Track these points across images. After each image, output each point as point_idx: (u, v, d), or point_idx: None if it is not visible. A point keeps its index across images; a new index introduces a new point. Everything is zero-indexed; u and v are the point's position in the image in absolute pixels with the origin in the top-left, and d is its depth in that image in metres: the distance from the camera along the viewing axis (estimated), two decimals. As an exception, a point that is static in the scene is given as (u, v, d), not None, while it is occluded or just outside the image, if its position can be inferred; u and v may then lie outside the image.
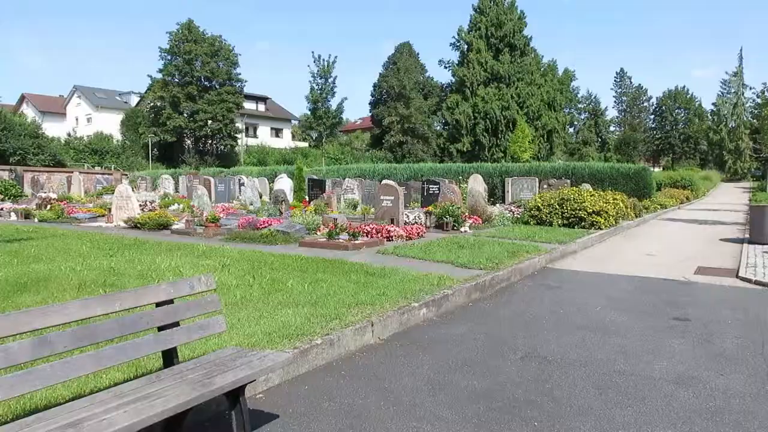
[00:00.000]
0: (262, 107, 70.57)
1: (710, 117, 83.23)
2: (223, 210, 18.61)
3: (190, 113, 50.75)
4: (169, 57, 50.73)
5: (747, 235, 15.14)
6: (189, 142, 53.80)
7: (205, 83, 51.68)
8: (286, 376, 4.73)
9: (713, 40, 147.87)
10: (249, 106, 64.65)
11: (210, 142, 54.52)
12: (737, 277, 9.69)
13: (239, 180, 27.54)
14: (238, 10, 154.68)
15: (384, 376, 4.86)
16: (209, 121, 51.21)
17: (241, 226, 13.90)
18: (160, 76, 51.29)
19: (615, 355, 5.48)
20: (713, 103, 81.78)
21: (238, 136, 56.63)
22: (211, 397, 3.25)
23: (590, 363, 5.24)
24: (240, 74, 53.91)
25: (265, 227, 13.32)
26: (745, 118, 69.02)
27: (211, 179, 27.00)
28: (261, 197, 24.16)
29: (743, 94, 71.47)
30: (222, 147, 54.86)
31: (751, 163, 69.50)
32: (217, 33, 56.14)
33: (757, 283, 9.12)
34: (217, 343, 4.88)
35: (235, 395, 3.55)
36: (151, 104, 53.90)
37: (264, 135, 68.26)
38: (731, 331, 6.36)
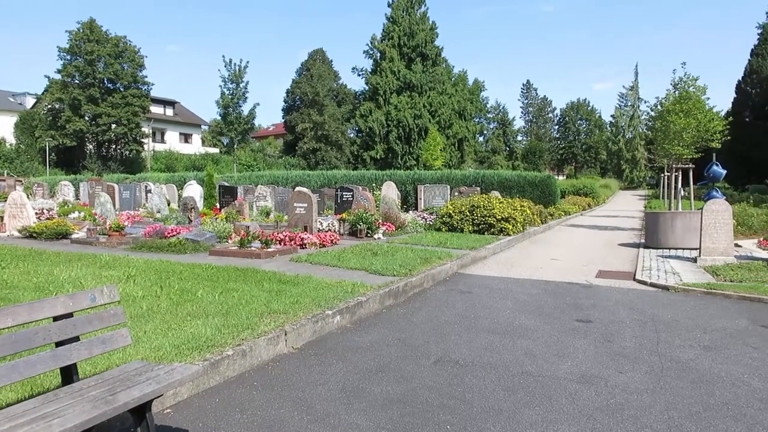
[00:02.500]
0: (170, 112, 68.40)
1: (609, 128, 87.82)
2: (129, 218, 17.85)
3: (92, 116, 48.40)
4: (68, 57, 48.12)
5: (643, 240, 16.11)
6: (91, 146, 51.25)
7: (109, 85, 49.40)
8: (196, 389, 4.58)
9: (612, 56, 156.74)
10: (156, 110, 62.45)
11: (114, 147, 52.20)
12: (634, 279, 10.28)
13: (146, 187, 26.55)
14: (145, 11, 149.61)
15: (298, 386, 4.80)
16: (113, 125, 49.00)
17: (147, 235, 13.37)
18: (58, 76, 48.51)
19: (523, 357, 5.67)
20: (612, 115, 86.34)
21: (145, 141, 54.54)
22: (114, 414, 3.09)
23: (500, 365, 5.39)
24: (146, 77, 51.95)
25: (174, 236, 12.88)
26: (640, 130, 73.12)
27: (116, 186, 25.84)
28: (169, 204, 23.37)
29: (639, 107, 75.89)
30: (127, 152, 52.64)
31: (646, 172, 73.84)
32: (122, 33, 53.99)
33: (651, 285, 9.70)
34: (122, 358, 4.66)
35: (140, 411, 3.41)
36: (49, 106, 50.96)
37: (172, 140, 66.13)
38: (629, 330, 6.73)
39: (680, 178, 18.11)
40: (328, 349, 5.86)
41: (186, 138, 69.91)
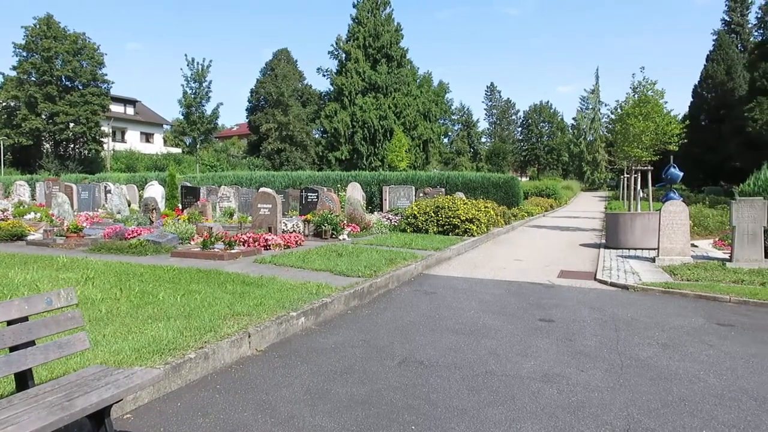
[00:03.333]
0: (131, 110, 67.10)
1: (571, 130, 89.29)
2: (87, 219, 17.45)
3: (49, 115, 47.10)
4: (24, 53, 46.81)
5: (603, 241, 16.40)
6: (48, 145, 49.88)
7: (67, 83, 48.17)
8: (157, 393, 4.50)
9: (575, 59, 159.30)
10: (116, 109, 61.22)
11: (72, 146, 50.91)
12: (595, 279, 10.47)
13: (105, 187, 26.02)
14: (104, 7, 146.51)
15: (261, 388, 4.76)
16: (71, 124, 47.78)
17: (107, 236, 13.10)
18: (14, 73, 47.16)
19: (487, 356, 5.72)
20: (573, 118, 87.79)
21: (104, 140, 53.36)
22: (71, 420, 3.01)
23: (464, 365, 5.42)
24: (106, 75, 50.77)
25: (134, 237, 12.64)
26: (601, 133, 74.43)
27: (74, 186, 25.23)
28: (130, 205, 22.93)
29: (599, 110, 77.42)
30: (86, 152, 51.39)
31: (606, 174, 75.29)
32: (81, 30, 52.68)
33: (612, 284, 9.89)
34: (80, 362, 4.55)
35: (99, 417, 3.33)
36: (4, 104, 49.41)
37: (133, 140, 64.88)
38: (590, 329, 6.84)
39: (639, 179, 18.50)
40: (292, 350, 5.82)
41: (147, 137, 68.67)
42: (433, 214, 16.58)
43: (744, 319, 7.47)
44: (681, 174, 17.15)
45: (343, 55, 56.55)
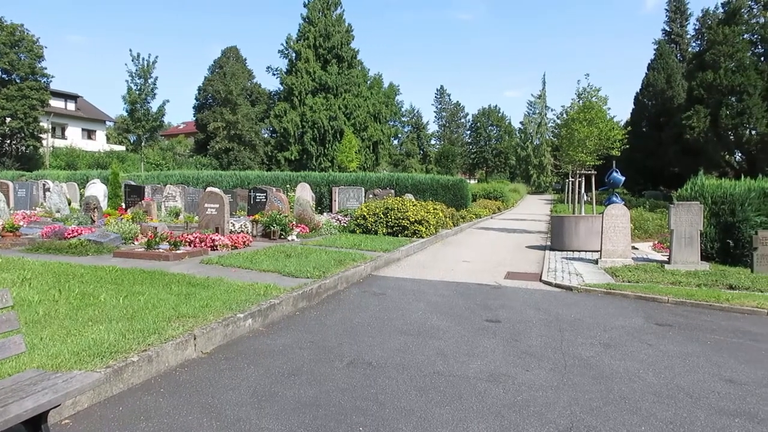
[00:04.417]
0: (72, 106, 64.89)
1: (518, 134, 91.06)
2: (25, 218, 16.79)
3: (-17, 109, 45.20)
4: (-43, 45, 44.82)
5: (549, 243, 16.76)
6: (-18, 141, 47.89)
7: (3, 76, 46.26)
8: (97, 397, 4.36)
9: (523, 64, 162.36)
10: (56, 104, 59.09)
11: (8, 142, 48.87)
12: (540, 280, 10.69)
13: (44, 185, 25.09)
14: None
15: (207, 391, 4.67)
16: (8, 119, 45.90)
17: (45, 236, 12.64)
18: (-54, 65, 45.06)
19: (435, 357, 5.76)
20: (521, 122, 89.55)
21: (43, 136, 51.44)
22: (5, 427, 2.89)
23: (412, 366, 5.45)
24: (46, 69, 48.96)
25: (75, 236, 12.24)
26: (547, 137, 76.23)
27: (10, 183, 24.24)
28: (70, 204, 22.16)
29: (546, 115, 79.14)
30: (23, 148, 49.43)
31: (552, 177, 77.00)
32: (18, 21, 50.73)
33: (556, 285, 10.12)
34: (15, 367, 4.37)
35: (36, 423, 3.21)
36: (-65, 97, 47.20)
37: (74, 136, 62.77)
38: (536, 330, 6.98)
39: (583, 183, 18.98)
40: (239, 353, 5.74)
41: (89, 134, 66.54)
42: (382, 216, 16.62)
43: (681, 319, 7.76)
44: (623, 178, 17.67)
45: (294, 55, 56.19)
